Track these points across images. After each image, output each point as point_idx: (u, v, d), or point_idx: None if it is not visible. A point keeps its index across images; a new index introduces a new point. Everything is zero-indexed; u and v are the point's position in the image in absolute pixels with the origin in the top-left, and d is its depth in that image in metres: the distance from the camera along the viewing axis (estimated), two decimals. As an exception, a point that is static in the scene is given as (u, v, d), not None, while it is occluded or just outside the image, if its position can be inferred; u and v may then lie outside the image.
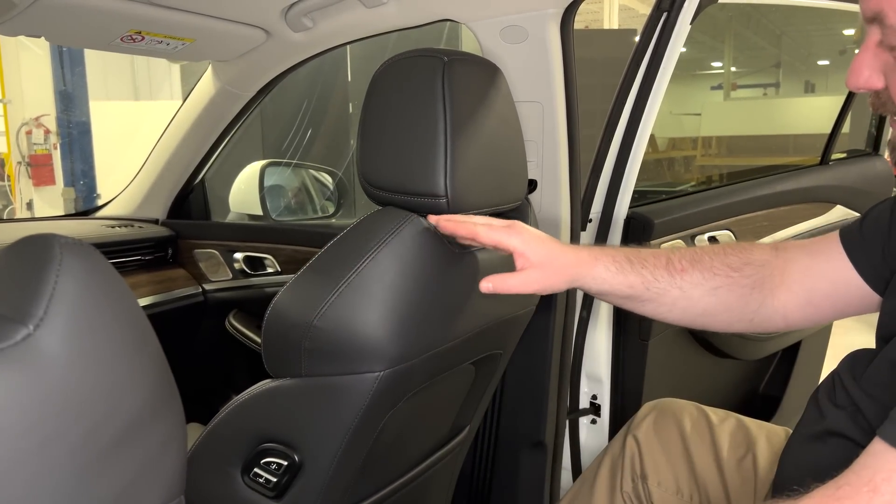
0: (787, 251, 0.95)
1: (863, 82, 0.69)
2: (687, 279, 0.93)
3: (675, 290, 0.93)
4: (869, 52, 0.68)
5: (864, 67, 0.69)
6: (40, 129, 6.14)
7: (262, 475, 0.96)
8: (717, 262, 0.94)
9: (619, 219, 1.40)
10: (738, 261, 0.94)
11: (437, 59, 0.91)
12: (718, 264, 0.94)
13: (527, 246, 0.89)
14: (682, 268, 0.93)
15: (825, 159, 1.87)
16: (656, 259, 0.94)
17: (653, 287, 0.93)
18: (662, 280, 0.93)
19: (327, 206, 2.11)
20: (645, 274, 0.93)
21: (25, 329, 0.40)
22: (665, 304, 0.94)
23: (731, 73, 11.06)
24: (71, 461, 0.41)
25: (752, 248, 0.96)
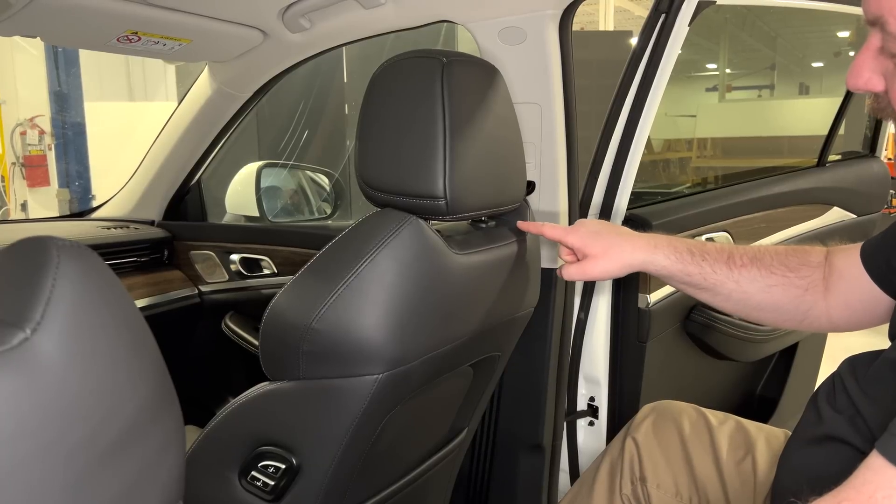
0: (834, 255, 0.98)
1: (862, 84, 0.68)
2: (745, 274, 0.99)
3: (731, 284, 0.99)
4: (870, 54, 0.68)
5: (865, 69, 0.68)
6: (35, 129, 6.11)
7: (259, 478, 0.96)
8: (777, 261, 0.99)
9: (616, 220, 1.40)
10: (796, 262, 0.99)
11: (436, 60, 0.91)
12: (776, 264, 0.99)
13: (583, 242, 1.02)
14: (742, 264, 0.99)
15: (822, 161, 1.88)
16: (718, 254, 1.00)
17: (710, 278, 0.99)
18: (721, 273, 0.99)
19: (324, 207, 2.10)
20: (704, 266, 1.00)
21: (22, 333, 0.39)
22: (721, 295, 1.00)
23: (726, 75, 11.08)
24: (69, 466, 0.40)
25: (810, 250, 1.00)
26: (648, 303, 1.42)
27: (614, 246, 1.02)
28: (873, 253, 0.92)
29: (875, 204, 1.92)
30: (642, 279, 1.41)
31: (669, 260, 1.00)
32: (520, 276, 1.12)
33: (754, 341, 1.65)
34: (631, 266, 1.02)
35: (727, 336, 1.57)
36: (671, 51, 1.29)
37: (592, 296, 1.44)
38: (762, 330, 1.63)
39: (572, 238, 1.03)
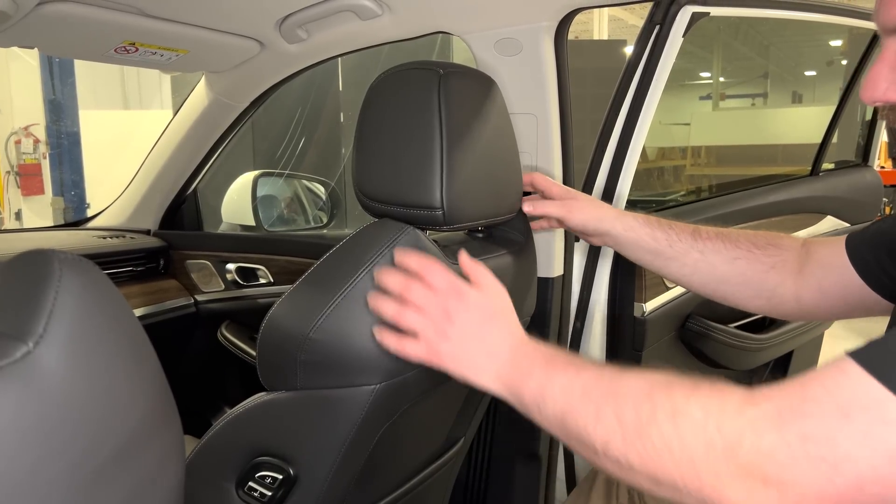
0: (813, 244, 1.00)
1: (880, 95, 0.66)
2: (709, 245, 1.02)
3: (695, 253, 1.02)
4: (886, 63, 0.66)
5: (881, 80, 0.66)
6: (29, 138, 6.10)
7: (256, 489, 0.95)
8: (744, 238, 1.02)
9: (612, 229, 1.40)
10: (763, 241, 1.01)
11: (433, 71, 0.91)
12: (742, 240, 1.02)
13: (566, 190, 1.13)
14: (707, 236, 1.03)
15: (815, 170, 1.89)
16: (684, 225, 1.05)
17: (675, 246, 1.03)
18: (685, 241, 1.03)
19: (320, 216, 2.11)
20: (670, 233, 1.04)
21: (25, 346, 0.39)
22: (688, 265, 1.03)
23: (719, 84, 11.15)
24: (70, 479, 0.40)
25: (783, 235, 1.03)
26: (644, 312, 1.42)
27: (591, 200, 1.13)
28: (857, 245, 0.93)
29: (868, 213, 1.93)
30: (637, 288, 1.42)
31: (637, 222, 1.06)
32: (517, 285, 1.13)
33: (750, 350, 1.66)
34: (602, 219, 1.08)
35: (722, 345, 1.58)
36: (666, 61, 1.30)
37: (588, 305, 1.44)
38: (757, 338, 1.64)
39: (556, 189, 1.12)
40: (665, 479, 0.59)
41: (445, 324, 0.81)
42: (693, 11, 1.28)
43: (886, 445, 0.49)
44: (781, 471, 0.52)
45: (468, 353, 0.81)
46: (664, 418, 0.60)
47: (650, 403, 0.62)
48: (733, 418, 0.56)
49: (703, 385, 0.61)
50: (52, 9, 1.06)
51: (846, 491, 0.50)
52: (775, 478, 0.52)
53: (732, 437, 0.55)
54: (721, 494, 0.55)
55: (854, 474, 0.50)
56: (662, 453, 0.59)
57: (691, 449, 0.57)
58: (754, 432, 0.54)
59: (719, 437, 0.56)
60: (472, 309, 0.82)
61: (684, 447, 0.58)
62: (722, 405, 0.57)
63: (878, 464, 0.49)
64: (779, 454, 0.52)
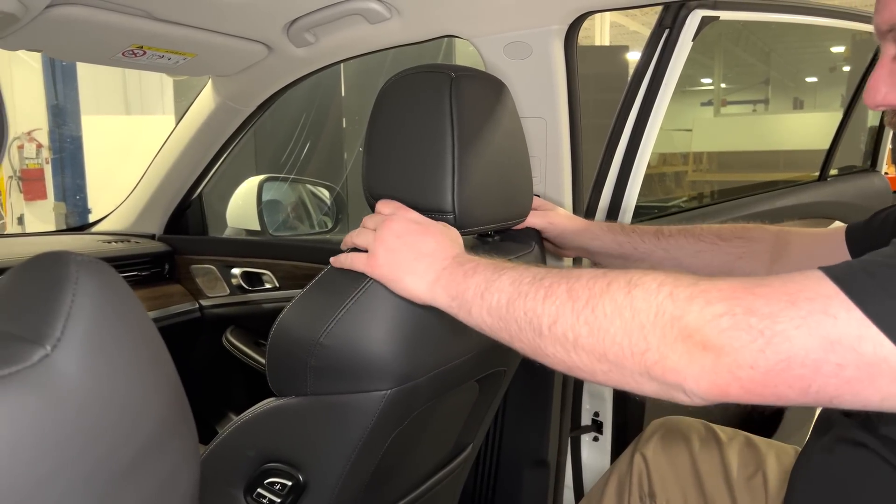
0: (791, 233, 1.01)
1: (881, 99, 0.68)
2: (672, 242, 1.05)
3: (660, 251, 1.06)
4: (885, 69, 0.68)
5: (881, 84, 0.68)
6: (32, 143, 6.11)
7: (265, 495, 0.94)
8: (706, 231, 1.05)
9: (621, 234, 1.40)
10: (729, 233, 1.04)
11: (445, 74, 0.91)
12: (706, 233, 1.04)
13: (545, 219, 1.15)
14: (670, 234, 1.07)
15: (823, 175, 1.88)
16: (647, 228, 1.09)
17: (640, 247, 1.07)
18: (649, 242, 1.07)
19: (325, 220, 2.10)
20: (634, 237, 1.08)
21: (42, 350, 0.38)
22: (655, 264, 1.06)
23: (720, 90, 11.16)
24: (86, 487, 0.40)
25: (751, 227, 1.05)
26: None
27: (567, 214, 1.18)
28: (861, 238, 0.93)
29: (876, 218, 1.92)
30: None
31: (601, 230, 1.12)
32: (526, 290, 1.12)
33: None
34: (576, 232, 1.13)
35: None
36: (675, 65, 1.30)
37: (597, 310, 1.43)
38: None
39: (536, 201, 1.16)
40: (612, 351, 0.60)
41: (386, 232, 0.83)
42: (703, 15, 1.28)
43: (821, 332, 0.52)
44: (721, 336, 0.54)
45: (403, 260, 0.82)
46: (618, 288, 0.62)
47: (605, 279, 0.64)
48: (687, 288, 0.58)
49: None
50: (61, 12, 1.06)
51: (775, 365, 0.53)
52: (715, 343, 0.55)
53: (683, 303, 0.57)
54: (663, 357, 0.57)
55: (786, 352, 0.53)
56: (613, 320, 0.60)
57: (642, 314, 0.59)
58: (705, 300, 0.56)
59: (670, 302, 0.58)
60: (410, 222, 0.84)
61: (635, 313, 0.59)
62: (677, 279, 0.60)
63: (809, 347, 0.52)
64: (722, 321, 0.55)
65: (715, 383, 0.55)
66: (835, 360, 0.52)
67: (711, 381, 0.55)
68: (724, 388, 0.55)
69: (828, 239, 0.96)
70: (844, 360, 0.51)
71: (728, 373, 0.54)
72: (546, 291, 0.67)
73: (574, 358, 0.64)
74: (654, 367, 0.58)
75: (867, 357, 0.51)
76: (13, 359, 0.37)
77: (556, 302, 0.65)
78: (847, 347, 0.51)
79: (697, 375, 0.55)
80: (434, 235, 0.83)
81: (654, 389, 0.59)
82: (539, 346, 0.67)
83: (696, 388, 0.56)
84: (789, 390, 0.54)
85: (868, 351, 0.51)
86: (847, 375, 0.52)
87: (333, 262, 0.88)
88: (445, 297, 0.78)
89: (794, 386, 0.53)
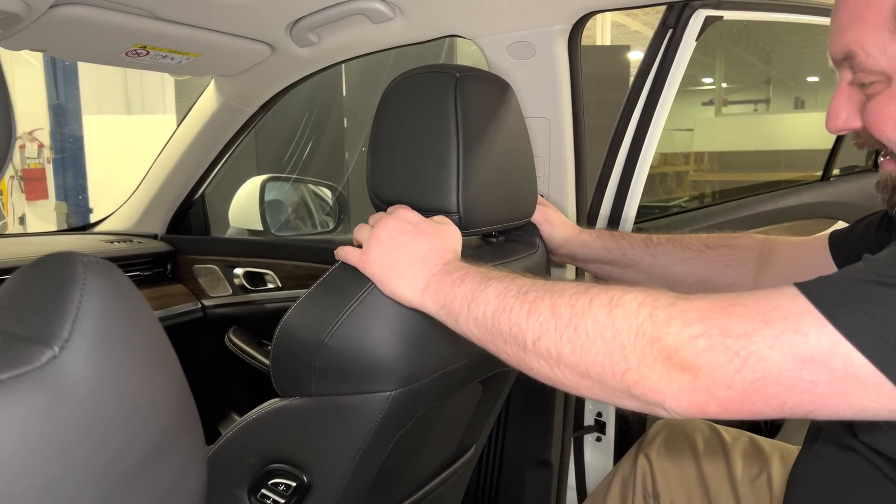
0: (776, 242, 1.02)
1: (841, 124, 0.72)
2: (660, 249, 1.07)
3: (648, 258, 1.07)
4: (843, 94, 0.71)
5: (841, 110, 0.71)
6: (34, 143, 6.10)
7: (269, 496, 0.94)
8: (694, 240, 1.06)
9: (624, 235, 1.39)
10: (716, 241, 1.05)
11: (449, 75, 0.90)
12: (694, 241, 1.06)
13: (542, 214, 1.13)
14: (658, 242, 1.08)
15: (826, 175, 1.88)
16: (636, 235, 1.11)
17: (629, 253, 1.08)
18: (638, 248, 1.08)
19: (327, 220, 2.10)
20: (622, 243, 1.10)
21: (50, 351, 0.38)
22: (642, 272, 1.07)
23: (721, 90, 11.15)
24: (96, 488, 0.39)
25: (740, 235, 1.06)
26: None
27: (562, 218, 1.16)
28: (845, 245, 0.94)
29: (879, 218, 1.92)
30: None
31: (591, 237, 1.13)
32: (530, 290, 1.12)
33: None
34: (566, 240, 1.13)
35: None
36: (679, 65, 1.30)
37: (600, 310, 1.43)
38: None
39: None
40: (594, 368, 0.62)
41: (383, 233, 0.83)
42: (706, 15, 1.27)
43: (794, 351, 0.53)
44: (698, 358, 0.56)
45: (395, 261, 0.82)
46: (599, 307, 0.63)
47: (587, 296, 0.65)
48: (666, 309, 0.59)
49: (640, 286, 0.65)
50: (64, 12, 1.05)
51: (751, 384, 0.55)
52: (692, 364, 0.56)
53: (662, 325, 0.58)
54: (643, 378, 0.59)
55: (761, 371, 0.54)
56: (595, 339, 0.62)
57: (622, 334, 0.60)
58: (683, 321, 0.58)
59: (650, 323, 0.59)
60: (406, 221, 0.84)
61: (616, 333, 0.61)
62: (656, 299, 0.61)
63: (783, 366, 0.54)
64: (699, 342, 0.56)
65: (693, 402, 0.57)
66: (808, 376, 0.53)
67: (690, 400, 0.57)
68: (703, 406, 0.57)
69: (812, 247, 0.97)
70: (817, 376, 0.53)
71: (706, 392, 0.56)
72: (530, 307, 0.68)
73: (557, 373, 0.66)
74: (635, 386, 0.59)
75: (838, 373, 0.53)
76: (21, 360, 0.37)
77: (539, 318, 0.67)
78: (819, 364, 0.53)
79: (677, 394, 0.57)
80: (428, 238, 0.83)
81: (636, 405, 0.61)
82: (524, 359, 0.69)
83: (675, 406, 0.58)
84: (766, 407, 0.55)
85: (839, 367, 0.53)
86: (820, 391, 0.53)
87: (336, 253, 0.90)
88: (434, 304, 0.79)
89: (770, 403, 0.55)
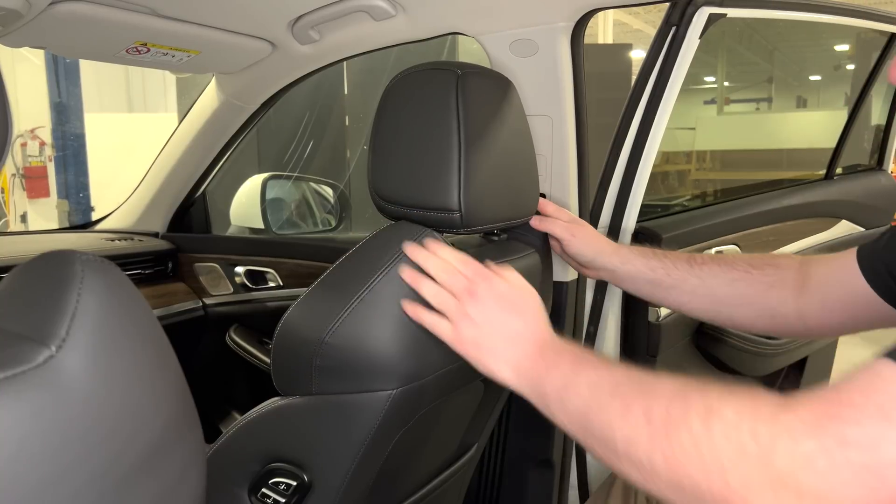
0: (811, 262, 0.99)
1: None
2: (706, 270, 1.02)
3: (693, 279, 1.02)
4: None
5: None
6: (35, 141, 6.10)
7: (270, 495, 0.94)
8: (738, 259, 1.03)
9: (626, 233, 1.39)
10: (760, 261, 1.01)
11: (451, 72, 0.90)
12: (738, 261, 1.02)
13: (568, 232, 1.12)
14: (702, 261, 1.04)
15: (830, 174, 1.87)
16: (678, 253, 1.07)
17: (673, 273, 1.04)
18: (682, 269, 1.03)
19: (328, 219, 2.09)
20: (666, 262, 1.05)
21: (48, 350, 0.38)
22: (688, 292, 1.03)
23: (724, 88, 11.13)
24: (92, 489, 0.39)
25: (779, 255, 1.05)
26: (658, 316, 1.41)
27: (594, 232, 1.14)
28: (871, 258, 0.92)
29: (883, 217, 1.91)
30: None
31: (633, 254, 1.08)
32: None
33: (764, 355, 1.64)
34: (600, 252, 1.10)
35: (737, 350, 1.56)
36: (682, 63, 1.28)
37: (602, 309, 1.42)
38: (772, 344, 1.62)
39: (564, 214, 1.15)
40: (689, 484, 0.56)
41: (472, 306, 0.81)
42: (710, 13, 1.26)
43: None
44: (820, 481, 0.49)
45: (490, 340, 0.80)
46: (695, 417, 0.57)
47: (683, 402, 0.59)
48: (768, 423, 0.53)
49: (737, 389, 0.59)
50: (65, 8, 1.05)
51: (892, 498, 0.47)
52: (812, 489, 0.49)
53: (767, 443, 0.52)
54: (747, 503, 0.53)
55: None
56: (690, 455, 0.56)
57: (722, 452, 0.54)
58: (791, 438, 0.51)
59: (753, 441, 0.53)
60: (498, 297, 0.82)
61: (714, 450, 0.55)
62: (756, 409, 0.55)
63: None
64: (817, 462, 0.49)
65: None
66: None
67: None
68: None
69: (841, 264, 0.95)
70: None
71: None
72: (623, 408, 0.64)
73: (650, 483, 0.61)
74: None
75: None
76: (19, 359, 0.36)
77: (632, 422, 0.62)
78: None
79: None
80: (521, 315, 0.81)
81: None
82: (615, 462, 0.65)
83: None
84: None
85: None
86: None
87: (408, 311, 0.84)
88: (528, 388, 0.78)
89: None
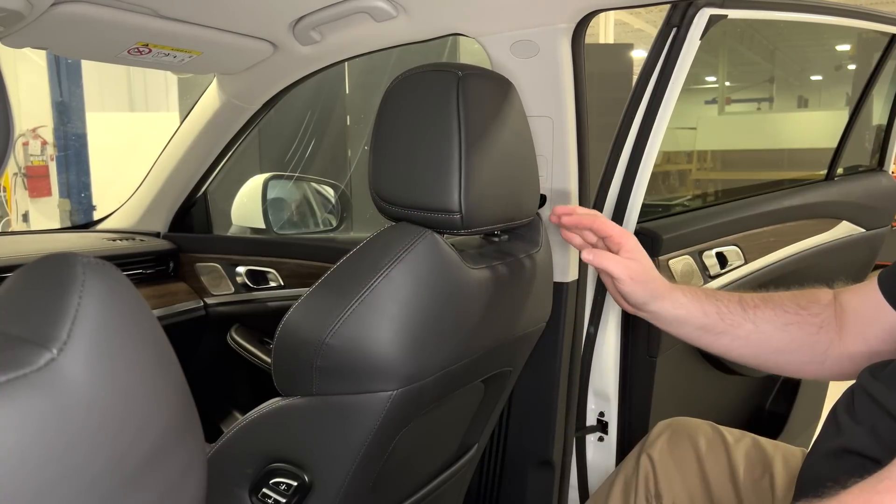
0: (841, 295, 0.97)
1: None
2: (760, 314, 0.97)
3: (748, 324, 0.97)
4: None
5: None
6: (37, 140, 6.11)
7: (270, 496, 0.94)
8: (788, 300, 0.98)
9: (627, 234, 1.39)
10: (805, 300, 0.97)
11: (452, 73, 0.90)
12: (788, 302, 0.97)
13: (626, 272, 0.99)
14: (754, 304, 0.98)
15: (831, 175, 1.87)
16: (729, 295, 1.00)
17: (727, 318, 0.98)
18: (736, 313, 0.98)
19: (329, 219, 2.10)
20: (719, 305, 0.98)
21: (49, 353, 0.38)
22: (740, 338, 0.98)
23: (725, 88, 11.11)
24: (93, 493, 0.39)
25: (818, 290, 0.99)
26: (659, 317, 1.41)
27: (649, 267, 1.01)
28: (891, 283, 0.91)
29: (884, 218, 1.91)
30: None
31: (687, 297, 0.99)
32: (533, 290, 1.11)
33: (764, 356, 1.64)
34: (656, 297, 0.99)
35: (737, 351, 1.56)
36: (683, 64, 1.29)
37: (603, 309, 1.42)
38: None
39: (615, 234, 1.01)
40: None
41: None
42: (711, 14, 1.26)
43: None
44: None
45: None
46: None
47: None
48: None
49: None
50: (67, 9, 1.05)
51: None
52: None
53: None
54: None
55: None
56: None
57: None
58: None
59: None
60: None
61: None
62: None
63: None
64: None
65: None
66: None
67: None
68: None
69: (866, 294, 0.93)
70: None
71: None
72: None
73: None
74: None
75: None
76: (19, 362, 0.36)
77: None
78: None
79: None
80: None
81: None
82: None
83: None
84: None
85: None
86: None
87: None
88: None
89: None
